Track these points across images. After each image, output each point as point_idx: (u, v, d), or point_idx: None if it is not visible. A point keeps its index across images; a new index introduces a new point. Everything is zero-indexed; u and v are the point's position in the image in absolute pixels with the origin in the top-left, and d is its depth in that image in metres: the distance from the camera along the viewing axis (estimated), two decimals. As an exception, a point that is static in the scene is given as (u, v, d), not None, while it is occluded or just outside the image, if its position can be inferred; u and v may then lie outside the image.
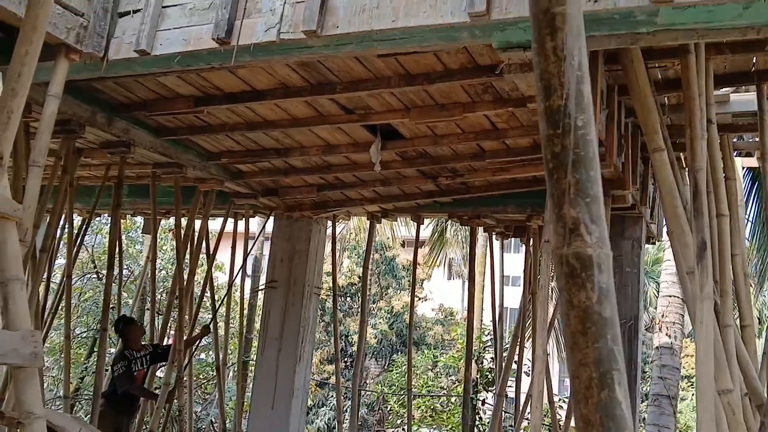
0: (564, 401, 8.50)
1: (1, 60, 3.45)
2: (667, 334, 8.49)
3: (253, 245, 9.67)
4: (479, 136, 5.44)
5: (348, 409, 8.23)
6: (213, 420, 12.08)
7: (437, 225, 15.20)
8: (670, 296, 8.60)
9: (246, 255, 8.10)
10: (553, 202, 0.94)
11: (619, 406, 0.88)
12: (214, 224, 8.18)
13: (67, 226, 6.91)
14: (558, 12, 0.93)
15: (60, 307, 7.77)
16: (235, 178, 6.77)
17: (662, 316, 8.67)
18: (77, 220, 7.81)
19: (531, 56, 3.66)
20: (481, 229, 7.81)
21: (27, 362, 2.37)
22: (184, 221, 7.23)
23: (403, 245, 22.26)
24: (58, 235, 6.78)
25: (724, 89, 5.14)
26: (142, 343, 7.03)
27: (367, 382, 19.37)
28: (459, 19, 3.20)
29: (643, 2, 2.92)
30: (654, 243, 7.64)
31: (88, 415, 7.05)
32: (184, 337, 7.09)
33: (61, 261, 9.53)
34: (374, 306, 21.12)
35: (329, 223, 7.94)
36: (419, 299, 21.35)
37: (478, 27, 3.24)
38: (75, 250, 7.49)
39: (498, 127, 5.31)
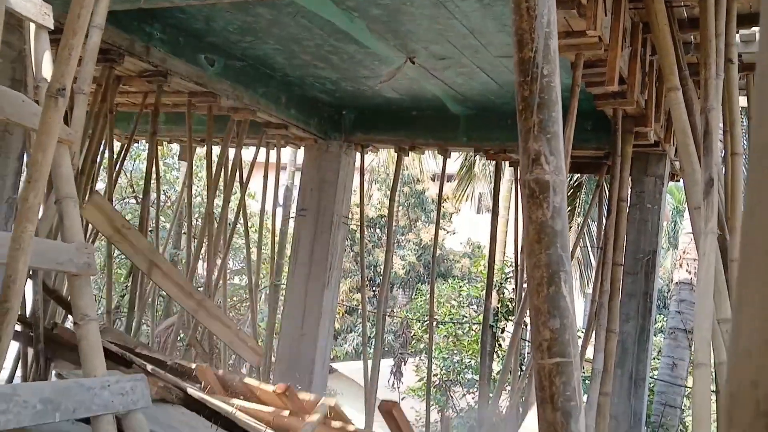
0: (581, 332, 8.76)
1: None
2: (687, 270, 8.65)
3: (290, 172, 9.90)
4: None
5: (373, 335, 8.63)
6: (245, 340, 12.66)
7: (465, 159, 15.30)
8: (692, 233, 8.72)
9: (277, 183, 8.37)
10: (521, 137, 1.14)
11: (563, 299, 1.10)
12: (248, 154, 8.44)
13: (107, 151, 7.19)
14: (532, -24, 1.11)
15: (102, 229, 8.16)
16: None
17: (683, 252, 8.81)
18: (116, 146, 8.11)
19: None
20: (506, 164, 7.95)
21: (81, 271, 2.67)
22: (218, 150, 7.50)
23: (433, 179, 22.42)
24: (98, 160, 7.08)
25: (753, 28, 5.15)
26: None
27: (394, 310, 19.93)
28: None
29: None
30: (679, 180, 7.72)
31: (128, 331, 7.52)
32: None
33: (100, 185, 9.92)
34: (403, 238, 21.49)
35: (358, 155, 8.15)
36: (447, 233, 21.63)
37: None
38: (115, 174, 7.82)
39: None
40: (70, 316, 5.69)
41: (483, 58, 5.63)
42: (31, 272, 4.23)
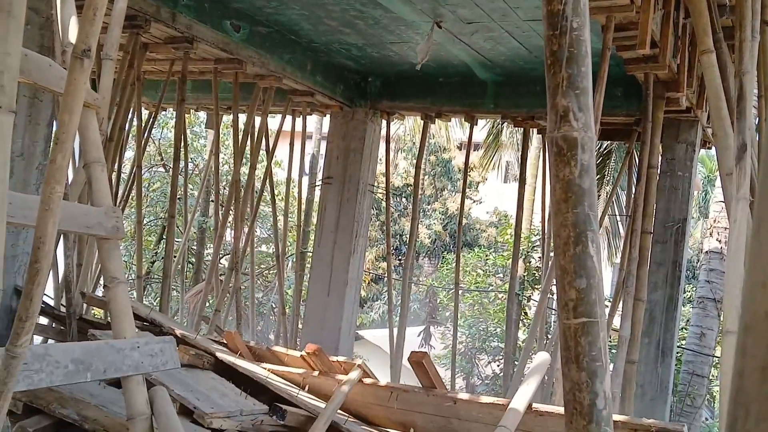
0: (609, 301, 8.74)
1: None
2: (717, 239, 8.52)
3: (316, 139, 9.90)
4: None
5: (399, 303, 8.68)
6: (273, 305, 12.84)
7: (492, 127, 15.14)
8: (723, 202, 8.57)
9: (303, 151, 8.37)
10: (549, 93, 1.12)
11: (590, 258, 1.08)
12: (274, 123, 8.45)
13: (135, 118, 7.24)
14: (562, -75, 1.07)
15: (131, 197, 8.27)
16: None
17: (714, 221, 8.68)
18: (144, 114, 8.15)
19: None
20: (534, 131, 7.85)
21: (110, 234, 2.70)
22: (244, 118, 7.51)
23: (459, 148, 22.26)
24: (126, 128, 7.13)
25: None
26: None
27: (420, 279, 20.01)
28: None
29: None
30: (710, 148, 7.57)
31: (158, 297, 7.65)
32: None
33: (129, 154, 10.02)
34: (429, 207, 21.46)
35: (384, 123, 8.11)
36: (473, 202, 21.55)
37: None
38: (143, 142, 7.87)
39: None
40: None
41: (511, 22, 5.54)
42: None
